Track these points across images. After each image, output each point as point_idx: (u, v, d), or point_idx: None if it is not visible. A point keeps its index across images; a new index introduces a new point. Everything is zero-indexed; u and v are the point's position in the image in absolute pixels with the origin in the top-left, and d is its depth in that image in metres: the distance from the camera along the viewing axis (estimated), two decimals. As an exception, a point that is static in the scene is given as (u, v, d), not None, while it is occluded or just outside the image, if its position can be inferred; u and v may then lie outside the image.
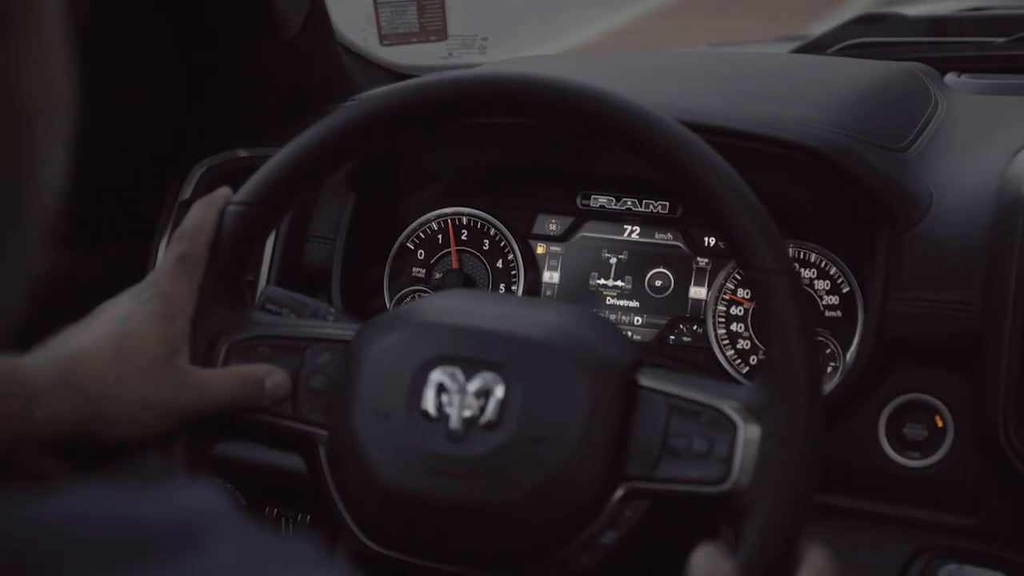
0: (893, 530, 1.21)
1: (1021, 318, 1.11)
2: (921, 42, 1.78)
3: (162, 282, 0.98)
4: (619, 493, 0.92)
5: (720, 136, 1.17)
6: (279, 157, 1.03)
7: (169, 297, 0.97)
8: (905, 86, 1.43)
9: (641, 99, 0.98)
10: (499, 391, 0.92)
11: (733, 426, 0.91)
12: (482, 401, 0.92)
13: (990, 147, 1.28)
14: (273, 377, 0.99)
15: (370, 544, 0.95)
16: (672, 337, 1.35)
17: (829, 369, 1.27)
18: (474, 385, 0.93)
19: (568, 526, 0.92)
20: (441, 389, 0.93)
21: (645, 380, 0.94)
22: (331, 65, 1.54)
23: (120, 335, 0.94)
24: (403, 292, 1.41)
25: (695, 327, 1.34)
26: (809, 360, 0.91)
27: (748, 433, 0.90)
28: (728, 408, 0.91)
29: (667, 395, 0.93)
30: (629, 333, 1.35)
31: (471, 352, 0.94)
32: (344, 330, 1.02)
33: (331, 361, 0.99)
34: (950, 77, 1.59)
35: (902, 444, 1.20)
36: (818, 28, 1.90)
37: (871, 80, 1.41)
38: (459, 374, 0.94)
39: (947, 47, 1.74)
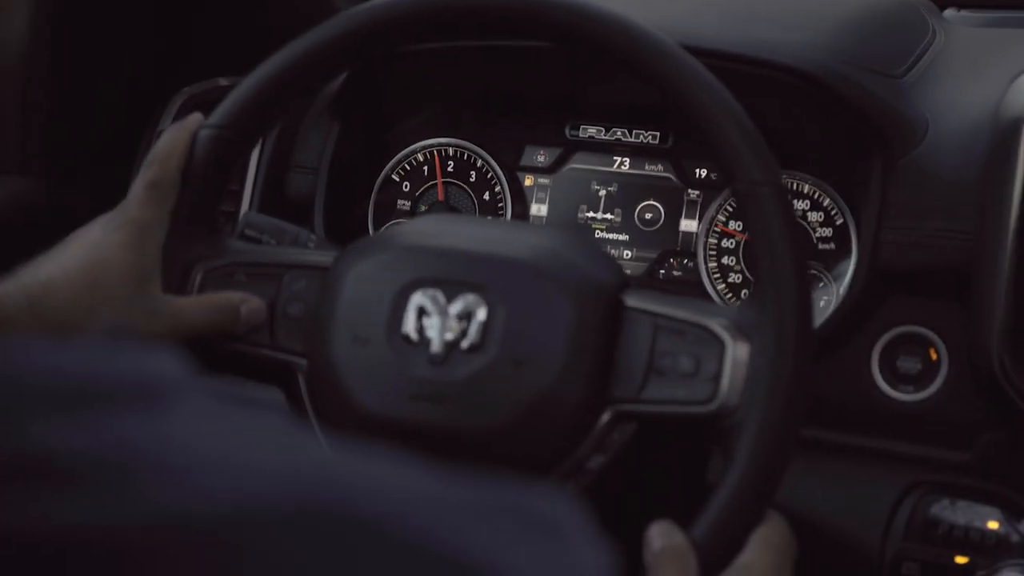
0: (885, 465, 1.20)
1: (1019, 247, 1.09)
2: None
3: (132, 209, 0.96)
4: (606, 416, 0.90)
5: (712, 59, 1.13)
6: (251, 79, 1.01)
7: (139, 224, 0.95)
8: (903, 15, 1.40)
9: (633, 16, 0.96)
10: (481, 313, 0.91)
11: (721, 344, 0.89)
12: (464, 324, 0.91)
13: (987, 75, 1.25)
14: (248, 304, 0.97)
15: None
16: (662, 271, 1.33)
17: (822, 302, 1.25)
18: (456, 307, 0.91)
19: (554, 450, 0.90)
20: (422, 312, 0.92)
21: (631, 300, 0.93)
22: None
23: (90, 263, 0.92)
24: (388, 224, 1.39)
25: (686, 260, 1.32)
26: (798, 275, 0.89)
27: (736, 351, 0.89)
28: (716, 326, 0.90)
29: (653, 314, 0.91)
30: (618, 267, 1.33)
31: (452, 274, 0.93)
32: (323, 256, 1.00)
33: (309, 287, 0.98)
34: (949, 12, 1.57)
35: (895, 377, 1.18)
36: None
37: (870, 7, 1.39)
38: (440, 296, 0.92)
39: (949, -19, 1.71)
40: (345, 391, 0.92)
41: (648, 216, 1.34)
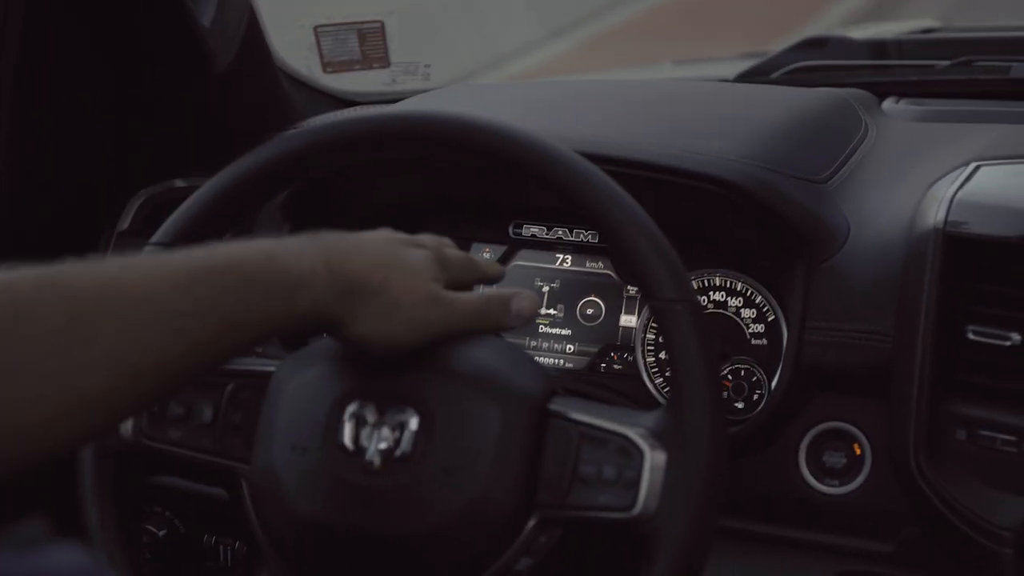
0: (813, 556, 1.26)
1: (931, 351, 1.16)
2: (863, 66, 1.84)
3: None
4: (532, 521, 0.97)
5: (636, 169, 1.22)
6: (196, 197, 1.08)
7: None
8: (835, 116, 1.48)
9: (549, 130, 1.04)
10: (413, 423, 0.97)
11: (640, 453, 0.95)
12: (397, 434, 0.96)
13: (909, 178, 1.32)
14: (520, 300, 1.03)
15: None
16: (603, 365, 1.40)
17: (755, 396, 1.32)
18: (390, 418, 0.97)
19: (483, 554, 0.96)
20: (358, 422, 0.98)
21: (556, 408, 0.99)
22: (270, 94, 1.59)
23: (392, 242, 0.98)
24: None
25: (625, 355, 1.39)
26: (710, 387, 0.96)
27: (655, 459, 0.95)
28: (635, 435, 0.96)
29: (577, 423, 0.98)
30: (561, 361, 1.40)
31: (386, 386, 0.99)
32: (265, 365, 1.06)
33: (252, 397, 1.04)
34: (888, 103, 1.64)
35: (822, 471, 1.25)
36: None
37: (800, 111, 1.46)
38: (373, 409, 0.98)
39: (890, 71, 1.79)
40: (284, 498, 0.98)
41: (589, 312, 1.41)
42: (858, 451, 1.24)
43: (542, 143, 1.02)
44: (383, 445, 0.96)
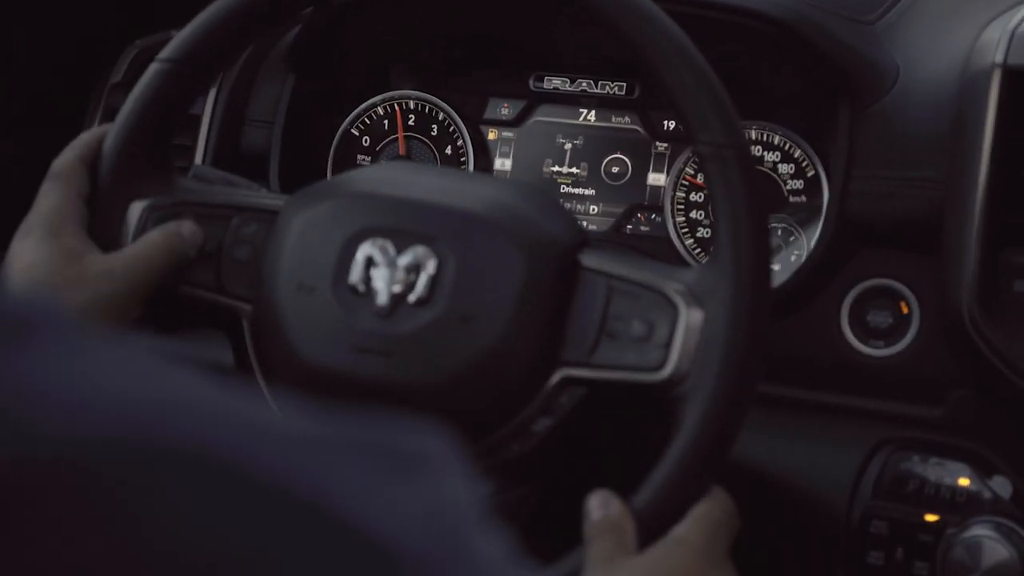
0: (854, 422, 1.20)
1: (988, 196, 1.09)
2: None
3: (38, 211, 0.97)
4: (554, 379, 0.90)
5: (677, 4, 1.15)
6: (206, 14, 1.01)
7: (42, 217, 0.96)
8: (882, -40, 1.41)
9: None
10: (430, 266, 0.91)
11: (675, 309, 0.89)
12: (412, 276, 0.91)
13: (962, 19, 1.25)
14: (182, 228, 0.98)
15: None
16: (629, 226, 1.33)
17: (793, 256, 1.25)
18: (405, 259, 0.91)
19: (499, 411, 0.91)
20: (370, 263, 0.92)
21: (587, 260, 0.92)
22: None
23: (35, 283, 0.93)
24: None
25: (653, 215, 1.32)
26: (757, 242, 0.89)
27: (690, 318, 0.88)
28: (671, 290, 0.89)
29: (609, 276, 0.91)
30: (585, 223, 1.34)
31: (402, 224, 0.93)
32: (275, 200, 1.00)
33: (259, 231, 0.98)
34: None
35: (866, 332, 1.19)
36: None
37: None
38: (390, 247, 0.92)
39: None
40: (288, 341, 0.93)
41: (615, 170, 1.34)
42: (905, 309, 1.18)
43: None
44: (397, 288, 0.91)
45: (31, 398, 0.35)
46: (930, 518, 1.15)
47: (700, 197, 1.30)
